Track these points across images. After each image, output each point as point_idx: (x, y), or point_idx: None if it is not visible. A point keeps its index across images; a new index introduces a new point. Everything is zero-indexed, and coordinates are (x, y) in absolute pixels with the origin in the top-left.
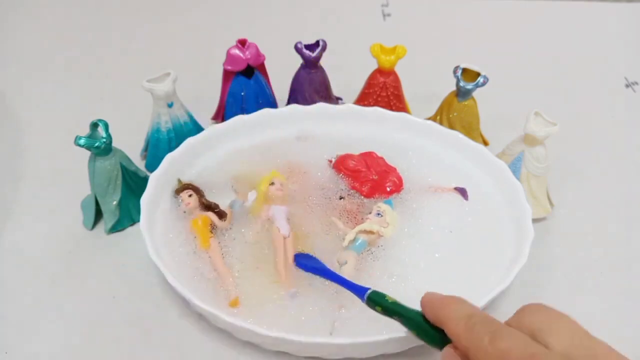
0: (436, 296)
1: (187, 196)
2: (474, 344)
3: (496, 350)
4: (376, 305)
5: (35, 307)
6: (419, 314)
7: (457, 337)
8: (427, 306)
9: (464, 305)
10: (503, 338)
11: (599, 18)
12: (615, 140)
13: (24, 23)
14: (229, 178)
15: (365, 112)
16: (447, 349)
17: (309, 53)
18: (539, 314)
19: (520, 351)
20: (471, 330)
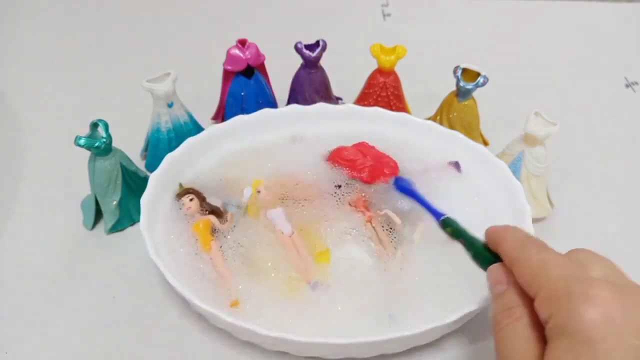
0: (499, 226)
1: (188, 200)
2: (521, 255)
3: (540, 258)
4: (447, 227)
5: (35, 307)
6: (480, 241)
7: (509, 251)
8: (491, 232)
9: (521, 230)
10: (549, 251)
11: (599, 18)
12: (615, 140)
13: (24, 23)
14: (218, 181)
15: (365, 112)
16: (493, 265)
17: (309, 53)
18: (584, 252)
19: (561, 263)
20: (523, 246)
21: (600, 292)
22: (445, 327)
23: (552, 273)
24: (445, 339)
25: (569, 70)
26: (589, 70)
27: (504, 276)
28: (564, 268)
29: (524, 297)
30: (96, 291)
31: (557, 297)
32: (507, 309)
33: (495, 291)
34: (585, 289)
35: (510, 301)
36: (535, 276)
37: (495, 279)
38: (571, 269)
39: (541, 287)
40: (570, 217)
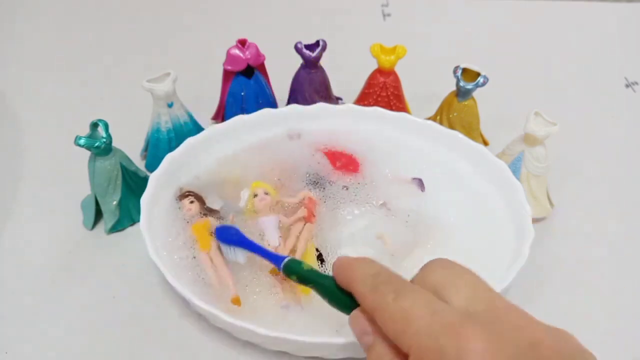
0: (346, 259)
1: (189, 202)
2: (379, 304)
3: (399, 309)
4: (292, 274)
5: (35, 307)
6: (331, 280)
7: (363, 297)
8: (337, 269)
9: (370, 265)
10: (406, 296)
11: (599, 18)
12: (615, 140)
13: (24, 23)
14: (218, 181)
15: (365, 112)
16: (354, 312)
17: (309, 53)
18: (442, 270)
19: (423, 309)
20: (376, 290)
21: (473, 344)
22: None
23: (417, 328)
24: None
25: (569, 70)
26: (589, 70)
27: (367, 325)
28: (427, 317)
29: (393, 345)
30: (96, 291)
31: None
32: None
33: (364, 342)
34: (457, 343)
35: (382, 355)
36: (400, 332)
37: (360, 330)
38: (435, 315)
39: (410, 344)
40: (570, 217)
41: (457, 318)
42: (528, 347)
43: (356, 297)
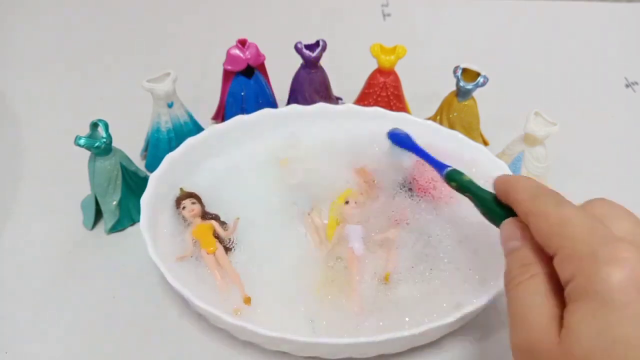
0: (509, 175)
1: (191, 203)
2: (538, 209)
3: (559, 214)
4: (452, 181)
5: (35, 307)
6: (490, 193)
7: (522, 203)
8: (499, 181)
9: (534, 181)
10: (568, 206)
11: (599, 18)
12: (615, 140)
13: (24, 23)
14: (217, 181)
15: (365, 112)
16: (508, 219)
17: (309, 53)
18: (605, 204)
19: (583, 220)
20: (538, 198)
21: (627, 255)
22: (445, 327)
23: (574, 232)
24: (445, 339)
25: (569, 70)
26: (589, 70)
27: (518, 231)
28: (586, 227)
29: (540, 254)
30: (96, 291)
31: (580, 257)
32: (523, 265)
33: (509, 247)
34: (611, 250)
35: (525, 257)
36: (554, 234)
37: (509, 235)
38: (594, 228)
39: (562, 245)
40: None
41: (615, 236)
42: None
43: (514, 204)
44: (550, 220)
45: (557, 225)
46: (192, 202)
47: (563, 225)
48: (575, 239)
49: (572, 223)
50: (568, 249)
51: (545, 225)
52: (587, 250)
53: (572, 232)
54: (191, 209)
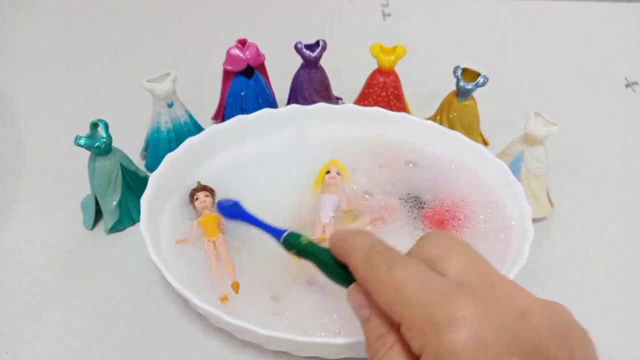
0: (342, 231)
1: (204, 196)
2: (372, 274)
3: (392, 279)
4: (292, 247)
5: (35, 307)
6: (328, 252)
7: (357, 269)
8: (333, 241)
9: (366, 236)
10: (399, 267)
11: (599, 18)
12: (615, 141)
13: (24, 23)
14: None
15: (365, 112)
16: (352, 286)
17: (309, 53)
18: (438, 241)
19: (415, 279)
20: (370, 261)
21: (464, 312)
22: None
23: (409, 297)
24: None
25: (569, 70)
26: (589, 70)
27: (364, 299)
28: (419, 286)
29: (389, 319)
30: (96, 291)
31: (421, 327)
32: (378, 337)
33: (361, 316)
34: (448, 310)
35: (378, 328)
36: (392, 301)
37: (357, 303)
38: (427, 285)
39: (402, 315)
40: (570, 217)
41: (449, 287)
42: (519, 315)
43: (351, 269)
44: (385, 287)
45: (392, 292)
46: (205, 194)
47: (397, 291)
48: (411, 303)
49: (405, 286)
50: (408, 319)
51: (381, 293)
52: (426, 318)
53: (406, 297)
54: (202, 200)
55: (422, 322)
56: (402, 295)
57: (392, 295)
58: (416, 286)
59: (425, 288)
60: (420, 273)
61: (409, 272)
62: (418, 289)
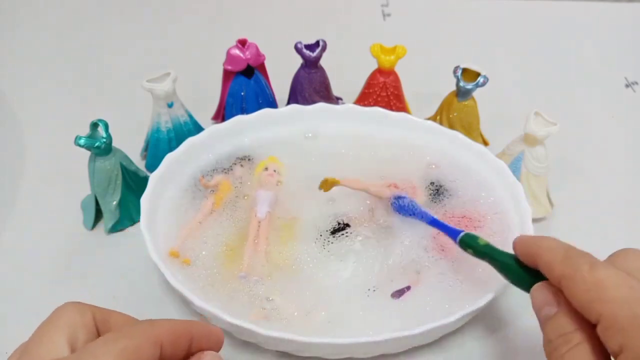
0: (530, 236)
1: (240, 166)
2: (571, 272)
3: (594, 278)
4: (468, 247)
5: (35, 307)
6: (511, 256)
7: (551, 266)
8: (521, 244)
9: (559, 241)
10: (602, 267)
11: (599, 18)
12: (615, 140)
13: (24, 23)
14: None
15: (365, 112)
16: (539, 284)
17: (309, 53)
18: (634, 256)
19: (619, 281)
20: (570, 260)
21: None
22: (445, 327)
23: (613, 296)
24: (445, 339)
25: (569, 70)
26: (589, 70)
27: (552, 297)
28: (624, 288)
29: (579, 319)
30: (96, 291)
31: (624, 326)
32: (563, 334)
33: (544, 314)
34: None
35: (564, 325)
36: (593, 299)
37: (542, 301)
38: (634, 289)
39: (603, 312)
40: (570, 217)
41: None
42: None
43: (543, 268)
44: (586, 284)
45: (595, 289)
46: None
47: (600, 289)
48: (615, 304)
49: (609, 286)
50: (610, 316)
51: (582, 290)
52: (631, 318)
53: (611, 296)
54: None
55: (625, 321)
56: (605, 294)
57: (594, 293)
58: (622, 287)
59: (631, 290)
60: (624, 277)
61: (612, 273)
62: (624, 290)
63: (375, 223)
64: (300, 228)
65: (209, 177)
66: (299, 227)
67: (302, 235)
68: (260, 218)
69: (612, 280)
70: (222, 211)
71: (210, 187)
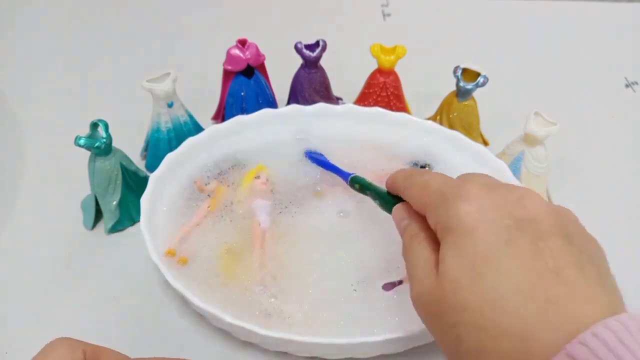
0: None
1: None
2: (409, 183)
3: (422, 181)
4: (355, 183)
5: (35, 307)
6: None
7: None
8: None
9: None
10: (429, 173)
11: (599, 18)
12: (615, 140)
13: (24, 23)
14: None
15: (365, 112)
16: (396, 205)
17: (309, 53)
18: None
19: (439, 179)
20: (410, 176)
21: (469, 190)
22: None
23: (432, 188)
24: None
25: (569, 70)
26: (589, 70)
27: (405, 212)
28: (440, 181)
29: (424, 223)
30: (96, 291)
31: (437, 204)
32: (412, 235)
33: (402, 226)
34: (457, 191)
35: (413, 229)
36: (421, 196)
37: (400, 217)
38: (446, 180)
39: (426, 202)
40: None
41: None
42: (516, 199)
43: (397, 189)
44: (417, 187)
45: (422, 188)
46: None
47: (425, 186)
48: (433, 193)
49: (430, 182)
50: (431, 203)
51: (416, 193)
52: (441, 197)
53: (431, 189)
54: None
55: (437, 201)
56: (428, 189)
57: (422, 190)
58: (438, 181)
59: (444, 181)
60: (443, 177)
61: (435, 176)
62: (439, 182)
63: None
64: (301, 229)
65: (205, 182)
66: (300, 228)
67: (303, 236)
68: (265, 228)
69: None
70: (219, 214)
71: (206, 192)
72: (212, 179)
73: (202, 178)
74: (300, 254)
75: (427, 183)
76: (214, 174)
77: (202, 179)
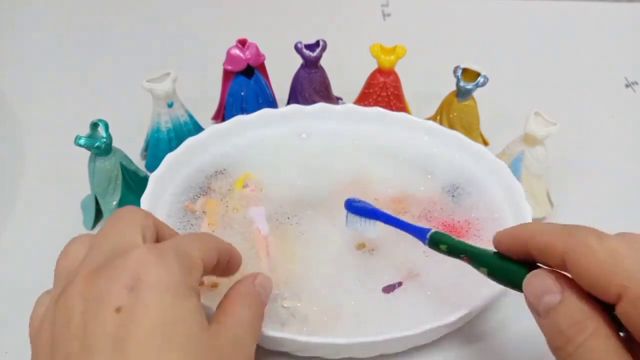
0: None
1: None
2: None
3: (607, 248)
4: (440, 244)
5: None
6: (489, 251)
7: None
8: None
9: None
10: (611, 238)
11: (599, 18)
12: (616, 140)
13: (24, 23)
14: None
15: (365, 112)
16: (535, 271)
17: (309, 53)
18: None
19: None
20: (571, 234)
21: None
22: (445, 327)
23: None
24: (445, 339)
25: (569, 70)
26: (589, 70)
27: (554, 283)
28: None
29: (589, 302)
30: None
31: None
32: (574, 322)
33: (545, 304)
34: None
35: (575, 312)
36: (609, 272)
37: (541, 289)
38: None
39: (625, 286)
40: (570, 217)
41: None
42: None
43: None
44: (598, 255)
45: (610, 259)
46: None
47: (617, 258)
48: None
49: (623, 255)
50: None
51: (594, 264)
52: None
53: (632, 265)
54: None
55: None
56: (625, 263)
57: (609, 263)
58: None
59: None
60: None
61: (624, 242)
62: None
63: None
64: (302, 231)
65: (192, 201)
66: (301, 230)
67: (305, 237)
68: (266, 235)
69: (624, 249)
70: (222, 227)
71: (198, 212)
72: (199, 194)
73: (190, 196)
74: (301, 257)
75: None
76: (198, 192)
77: (190, 197)
